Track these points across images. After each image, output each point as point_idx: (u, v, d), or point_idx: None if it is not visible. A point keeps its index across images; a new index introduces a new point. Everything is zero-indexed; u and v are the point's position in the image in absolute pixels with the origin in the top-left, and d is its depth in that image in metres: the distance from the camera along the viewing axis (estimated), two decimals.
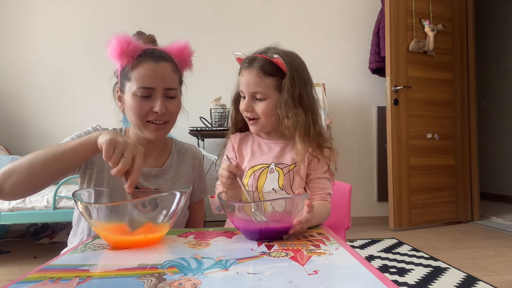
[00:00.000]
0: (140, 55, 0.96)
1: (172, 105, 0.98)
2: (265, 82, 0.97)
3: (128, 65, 0.95)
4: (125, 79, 0.97)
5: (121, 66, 0.97)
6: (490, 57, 4.60)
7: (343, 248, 0.62)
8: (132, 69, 0.95)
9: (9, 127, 3.00)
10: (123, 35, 0.95)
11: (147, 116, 0.96)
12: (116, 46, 0.94)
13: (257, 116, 1.00)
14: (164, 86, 0.96)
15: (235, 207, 0.75)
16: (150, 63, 0.95)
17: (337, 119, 3.26)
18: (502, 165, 4.46)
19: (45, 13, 3.11)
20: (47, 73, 3.08)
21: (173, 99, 0.99)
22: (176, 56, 1.02)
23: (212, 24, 3.27)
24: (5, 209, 2.13)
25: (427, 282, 1.79)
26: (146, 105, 0.95)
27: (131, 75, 0.95)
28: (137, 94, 0.94)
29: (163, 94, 0.96)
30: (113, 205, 0.70)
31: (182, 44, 1.03)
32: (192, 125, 2.77)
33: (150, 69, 0.94)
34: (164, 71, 0.96)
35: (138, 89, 0.93)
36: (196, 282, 0.46)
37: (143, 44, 0.98)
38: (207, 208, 3.06)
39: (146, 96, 0.94)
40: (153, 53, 0.97)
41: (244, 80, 0.99)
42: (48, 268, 0.54)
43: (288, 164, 1.00)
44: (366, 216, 3.36)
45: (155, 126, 0.97)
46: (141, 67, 0.94)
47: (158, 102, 0.94)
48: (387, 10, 2.97)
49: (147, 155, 1.04)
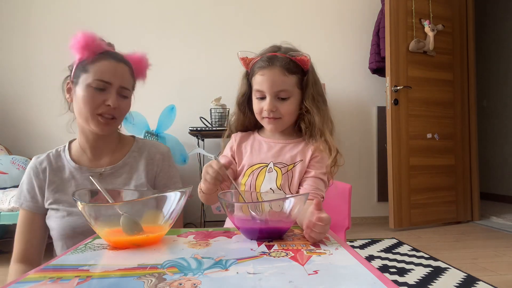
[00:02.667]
0: (102, 53, 1.00)
1: (123, 103, 1.02)
2: (290, 80, 0.97)
3: (88, 59, 0.98)
4: (82, 71, 0.99)
5: (80, 59, 1.00)
6: (490, 57, 4.60)
7: (343, 248, 0.62)
8: (92, 63, 0.98)
9: (9, 127, 3.00)
10: (88, 31, 0.99)
11: (98, 108, 0.98)
12: (80, 39, 0.97)
13: (280, 116, 0.99)
14: (120, 84, 1.00)
15: (235, 207, 0.75)
16: (111, 61, 0.99)
17: (337, 119, 3.23)
18: (502, 165, 4.46)
19: (45, 13, 3.11)
20: (47, 73, 3.08)
21: (126, 98, 1.03)
22: (134, 64, 1.07)
23: (211, 25, 3.27)
24: (5, 209, 2.13)
25: (427, 282, 1.79)
26: (99, 98, 0.98)
27: (90, 68, 0.98)
28: (92, 86, 0.97)
29: (117, 92, 1.00)
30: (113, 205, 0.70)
31: (140, 54, 1.09)
32: (192, 125, 2.77)
33: (110, 66, 0.99)
34: (123, 71, 1.01)
35: (94, 80, 0.97)
36: (196, 282, 0.46)
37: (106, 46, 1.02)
38: (207, 208, 3.06)
39: (100, 89, 0.97)
40: (115, 54, 1.03)
41: (267, 79, 0.96)
42: (48, 268, 0.54)
43: (287, 164, 0.99)
44: (366, 216, 3.36)
45: (104, 120, 0.99)
46: (102, 63, 0.98)
47: (112, 96, 0.98)
48: (387, 10, 2.97)
49: (99, 154, 1.07)
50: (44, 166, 1.04)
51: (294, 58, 0.98)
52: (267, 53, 1.00)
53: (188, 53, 3.21)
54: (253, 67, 1.01)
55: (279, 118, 0.99)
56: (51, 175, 1.03)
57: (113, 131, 1.07)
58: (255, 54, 1.03)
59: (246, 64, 1.03)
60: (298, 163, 0.99)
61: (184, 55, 3.20)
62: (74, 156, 1.06)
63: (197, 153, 2.88)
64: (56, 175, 1.03)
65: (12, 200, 2.15)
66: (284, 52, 0.99)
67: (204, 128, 2.73)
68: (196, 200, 3.16)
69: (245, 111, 1.07)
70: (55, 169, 1.04)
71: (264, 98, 0.98)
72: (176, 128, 2.74)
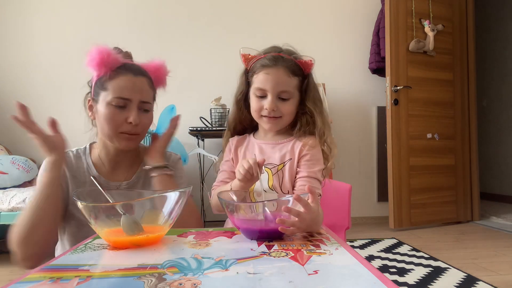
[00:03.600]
0: (119, 67, 0.97)
1: (145, 118, 1.00)
2: (292, 81, 0.99)
3: (105, 75, 0.96)
4: (101, 89, 0.97)
5: (97, 76, 0.98)
6: (490, 57, 4.60)
7: (343, 248, 0.62)
8: (110, 79, 0.96)
9: (9, 127, 2.99)
10: (103, 46, 0.96)
11: (121, 126, 0.96)
12: (96, 56, 0.95)
13: (280, 115, 1.00)
14: (140, 99, 0.98)
15: (235, 207, 0.75)
16: (129, 76, 0.97)
17: (337, 119, 3.26)
18: (502, 165, 4.45)
19: (44, 13, 3.11)
20: (46, 73, 3.08)
21: (147, 112, 1.01)
22: (152, 73, 1.04)
23: (211, 25, 3.27)
24: (5, 209, 2.13)
25: (427, 282, 1.79)
26: (120, 115, 0.96)
27: (108, 85, 0.96)
28: (112, 104, 0.95)
29: (138, 107, 0.98)
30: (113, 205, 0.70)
31: (158, 62, 1.07)
32: (192, 125, 2.77)
33: (128, 81, 0.96)
34: (142, 85, 0.99)
35: (114, 98, 0.95)
36: (196, 282, 0.46)
37: (122, 58, 0.99)
38: (207, 208, 3.06)
39: (121, 106, 0.96)
40: (132, 67, 0.99)
41: (271, 79, 0.97)
42: (48, 268, 0.54)
43: (276, 164, 1.00)
44: (366, 216, 3.36)
45: (127, 136, 0.98)
46: (119, 78, 0.96)
47: (133, 113, 0.96)
48: (387, 10, 2.97)
49: (116, 167, 1.05)
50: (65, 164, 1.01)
51: (299, 61, 0.99)
52: (270, 53, 1.01)
53: (188, 53, 3.21)
54: (254, 65, 1.01)
55: (279, 118, 1.00)
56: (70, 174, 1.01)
57: (136, 146, 1.07)
58: (257, 52, 1.03)
59: (247, 62, 1.03)
60: (287, 162, 1.00)
61: (184, 55, 3.20)
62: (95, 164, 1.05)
63: (197, 153, 2.88)
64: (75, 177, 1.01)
65: (12, 200, 2.15)
66: (286, 53, 1.00)
67: (204, 128, 2.73)
68: (196, 200, 3.16)
69: (242, 108, 1.08)
70: (74, 170, 1.02)
71: (264, 96, 0.99)
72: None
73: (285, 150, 1.02)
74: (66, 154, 1.03)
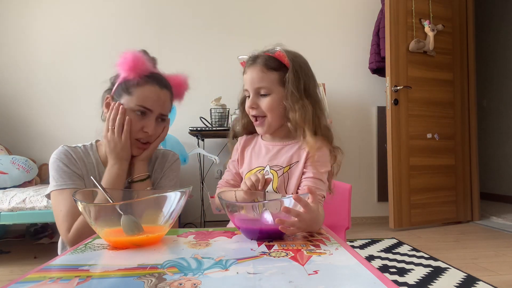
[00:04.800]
0: (148, 76, 0.99)
1: (160, 128, 1.04)
2: (269, 76, 0.98)
3: (133, 80, 0.98)
4: (125, 92, 0.99)
5: (124, 78, 0.99)
6: (490, 57, 4.60)
7: (343, 248, 0.62)
8: (137, 86, 0.98)
9: (9, 127, 3.00)
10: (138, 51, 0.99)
11: (137, 133, 0.99)
12: (130, 60, 0.97)
13: (263, 114, 0.99)
14: (161, 112, 1.01)
15: (235, 207, 0.75)
16: (156, 87, 0.99)
17: (337, 119, 3.26)
18: (502, 165, 4.45)
19: (45, 13, 3.11)
20: (47, 73, 3.08)
21: (163, 122, 1.05)
22: (174, 87, 1.07)
23: (212, 25, 3.27)
24: (5, 209, 2.13)
25: (427, 282, 1.79)
26: (139, 123, 0.99)
27: (134, 91, 0.98)
28: (134, 110, 0.97)
29: (156, 118, 1.01)
30: (113, 205, 0.70)
31: (182, 78, 1.10)
32: (192, 125, 2.77)
33: (154, 93, 0.99)
34: (165, 98, 1.02)
35: (137, 105, 0.97)
36: (196, 282, 0.46)
37: (152, 67, 1.02)
38: (207, 208, 3.06)
39: (141, 115, 0.99)
40: (160, 78, 1.02)
41: (248, 78, 1.00)
42: (48, 268, 0.54)
43: (282, 166, 1.00)
44: (366, 216, 3.36)
45: (141, 144, 1.01)
46: (147, 88, 0.98)
47: (151, 124, 0.99)
48: (387, 10, 2.97)
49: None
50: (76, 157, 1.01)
51: (272, 54, 0.99)
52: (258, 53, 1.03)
53: (188, 53, 3.21)
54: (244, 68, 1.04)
55: (264, 118, 1.00)
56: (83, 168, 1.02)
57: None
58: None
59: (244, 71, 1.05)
60: (294, 165, 0.99)
61: (184, 55, 3.20)
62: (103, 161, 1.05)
63: (197, 153, 2.88)
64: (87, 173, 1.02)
65: (12, 200, 2.15)
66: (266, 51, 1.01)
67: (204, 128, 2.73)
68: (196, 200, 3.16)
69: (244, 112, 1.09)
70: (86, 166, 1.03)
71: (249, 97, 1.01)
72: (176, 128, 2.73)
73: (291, 152, 1.01)
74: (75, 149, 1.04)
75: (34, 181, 2.62)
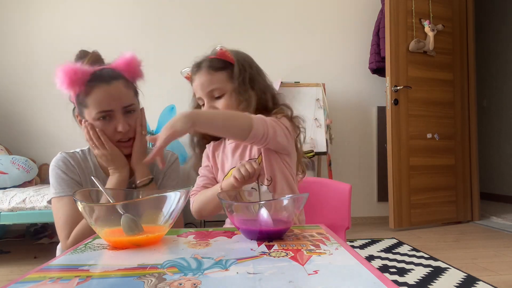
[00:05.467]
0: (90, 79, 0.95)
1: (132, 119, 1.00)
2: (217, 77, 0.97)
3: (80, 92, 0.95)
4: (82, 106, 0.98)
5: (74, 94, 0.97)
6: (490, 57, 4.60)
7: (343, 248, 0.62)
8: (86, 95, 0.95)
9: (9, 127, 3.00)
10: (67, 65, 0.93)
11: (113, 137, 0.98)
12: (63, 77, 0.92)
13: None
14: (122, 105, 0.97)
15: (235, 207, 0.75)
16: (103, 86, 0.95)
17: (337, 119, 3.25)
18: (502, 165, 4.45)
19: (45, 13, 3.11)
20: (47, 73, 3.07)
21: (133, 113, 1.01)
22: (125, 71, 1.01)
23: (211, 25, 3.26)
24: (5, 209, 2.13)
25: (427, 282, 1.79)
26: (110, 127, 0.97)
27: (87, 101, 0.95)
28: (98, 118, 0.96)
29: (122, 113, 0.97)
30: (113, 206, 0.70)
31: (128, 57, 1.02)
32: None
33: (104, 92, 0.94)
34: (118, 91, 0.97)
35: (97, 113, 0.95)
36: (196, 282, 0.46)
37: (89, 68, 0.96)
38: None
39: (105, 118, 0.96)
40: (102, 74, 0.96)
41: (197, 84, 0.98)
42: (48, 268, 0.54)
43: (255, 157, 0.98)
44: (366, 216, 3.36)
45: (123, 144, 1.00)
46: (94, 92, 0.94)
47: (120, 122, 0.96)
48: (387, 10, 2.97)
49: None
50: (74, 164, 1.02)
51: (214, 55, 0.98)
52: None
53: (188, 53, 3.20)
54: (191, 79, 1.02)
55: None
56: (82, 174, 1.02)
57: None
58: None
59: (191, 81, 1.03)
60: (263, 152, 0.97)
61: (184, 55, 3.19)
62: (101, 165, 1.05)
63: None
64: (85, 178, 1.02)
65: (12, 200, 2.15)
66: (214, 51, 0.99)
67: None
68: None
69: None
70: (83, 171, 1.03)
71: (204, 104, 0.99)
72: None
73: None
74: (73, 155, 1.04)
75: (34, 181, 2.62)
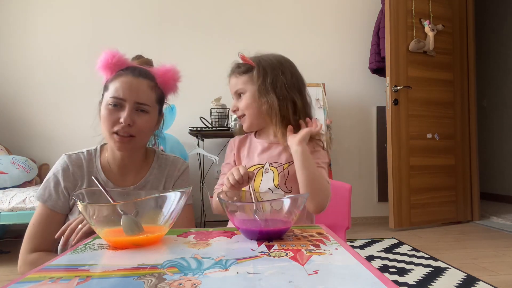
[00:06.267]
0: (123, 69, 0.98)
1: (141, 119, 0.97)
2: (241, 79, 1.06)
3: (110, 77, 0.98)
4: (105, 90, 0.99)
5: (105, 78, 0.99)
6: (490, 57, 4.60)
7: (343, 248, 0.62)
8: (112, 81, 0.97)
9: (9, 127, 3.00)
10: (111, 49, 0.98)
11: (114, 126, 0.95)
12: (102, 58, 0.97)
13: (242, 113, 1.07)
14: (136, 100, 0.96)
15: (235, 207, 0.75)
16: (128, 76, 0.97)
17: (337, 119, 3.26)
18: (502, 165, 4.46)
19: (45, 13, 3.11)
20: (47, 73, 3.08)
21: (144, 113, 0.98)
22: (159, 77, 1.03)
23: (211, 25, 3.27)
24: (5, 209, 2.13)
25: (427, 282, 1.79)
26: (114, 115, 0.95)
27: (109, 85, 0.97)
28: (109, 103, 0.95)
29: (133, 107, 0.96)
30: (113, 206, 0.70)
31: (167, 67, 1.06)
32: (192, 125, 2.77)
33: (126, 82, 0.96)
34: (139, 86, 0.97)
35: (111, 98, 0.95)
36: (196, 282, 0.46)
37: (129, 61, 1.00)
38: (207, 208, 3.06)
39: (116, 106, 0.95)
40: (135, 69, 0.99)
41: (229, 85, 1.11)
42: (48, 268, 0.54)
43: (282, 163, 1.03)
44: (366, 216, 3.36)
45: (119, 138, 0.96)
46: (119, 80, 0.96)
47: (125, 113, 0.94)
48: (387, 10, 2.97)
49: (125, 172, 1.05)
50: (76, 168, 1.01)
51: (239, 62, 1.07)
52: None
53: (188, 53, 3.21)
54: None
55: (243, 116, 1.07)
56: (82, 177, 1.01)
57: (133, 149, 1.02)
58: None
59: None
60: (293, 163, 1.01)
61: (184, 55, 3.20)
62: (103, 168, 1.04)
63: (197, 153, 2.88)
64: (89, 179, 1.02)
65: (12, 200, 2.15)
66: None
67: (204, 128, 2.73)
68: (196, 200, 3.15)
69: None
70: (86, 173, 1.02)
71: None
72: (176, 128, 2.74)
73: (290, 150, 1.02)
74: (77, 156, 1.03)
75: (34, 181, 2.62)
